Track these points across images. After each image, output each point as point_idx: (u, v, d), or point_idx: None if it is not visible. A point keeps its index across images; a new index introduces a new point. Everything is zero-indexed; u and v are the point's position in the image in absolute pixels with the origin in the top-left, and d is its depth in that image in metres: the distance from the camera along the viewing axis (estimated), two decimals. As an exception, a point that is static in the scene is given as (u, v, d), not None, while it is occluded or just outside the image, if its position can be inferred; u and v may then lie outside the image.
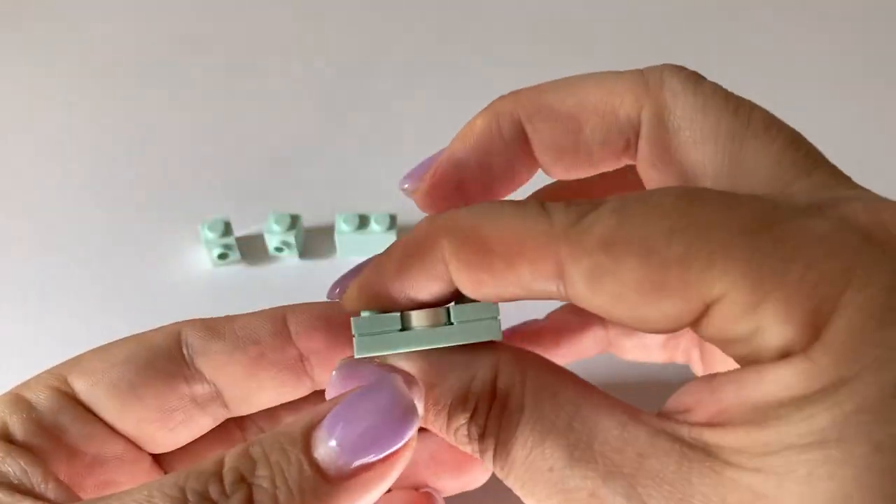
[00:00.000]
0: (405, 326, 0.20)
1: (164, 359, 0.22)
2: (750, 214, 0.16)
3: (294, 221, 0.38)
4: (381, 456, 0.18)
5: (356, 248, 0.38)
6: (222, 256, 0.38)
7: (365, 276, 0.20)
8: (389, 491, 0.20)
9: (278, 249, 0.38)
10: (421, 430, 0.19)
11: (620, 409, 0.18)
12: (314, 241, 0.39)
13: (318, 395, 0.24)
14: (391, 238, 0.38)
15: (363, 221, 0.38)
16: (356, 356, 0.19)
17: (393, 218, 0.38)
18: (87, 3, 0.54)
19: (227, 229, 0.37)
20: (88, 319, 0.36)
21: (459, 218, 0.18)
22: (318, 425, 0.18)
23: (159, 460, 0.24)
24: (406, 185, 0.23)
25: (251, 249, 0.39)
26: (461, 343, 0.19)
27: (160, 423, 0.22)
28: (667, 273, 0.16)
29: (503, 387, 0.19)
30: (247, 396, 0.23)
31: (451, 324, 0.19)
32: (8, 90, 0.49)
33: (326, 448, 0.17)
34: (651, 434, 0.17)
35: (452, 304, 0.20)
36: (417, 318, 0.20)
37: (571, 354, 0.27)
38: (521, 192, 0.24)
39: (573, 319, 0.27)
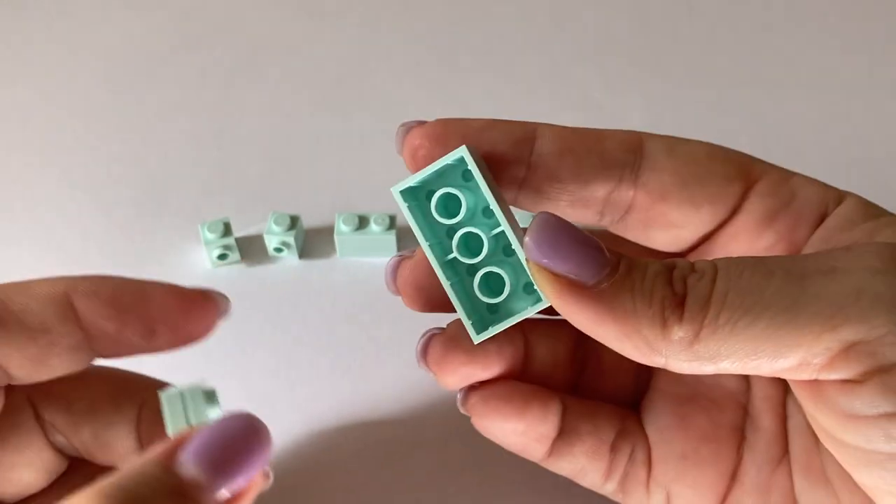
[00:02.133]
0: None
1: None
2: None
3: (294, 222, 0.38)
4: (245, 478, 0.18)
5: (356, 248, 0.38)
6: (222, 257, 0.38)
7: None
8: None
9: (278, 250, 0.38)
10: None
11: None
12: (314, 242, 0.39)
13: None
14: (391, 238, 0.38)
15: (363, 222, 0.38)
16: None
17: (393, 218, 0.38)
18: (88, 4, 0.54)
19: (226, 230, 0.37)
20: (88, 320, 0.36)
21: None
22: (175, 449, 0.18)
23: None
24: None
25: (251, 250, 0.39)
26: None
27: None
28: (722, 155, 0.21)
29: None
30: (31, 376, 0.22)
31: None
32: (8, 90, 0.49)
33: (188, 464, 0.17)
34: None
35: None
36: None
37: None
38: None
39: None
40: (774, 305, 0.17)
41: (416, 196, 0.22)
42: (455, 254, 0.21)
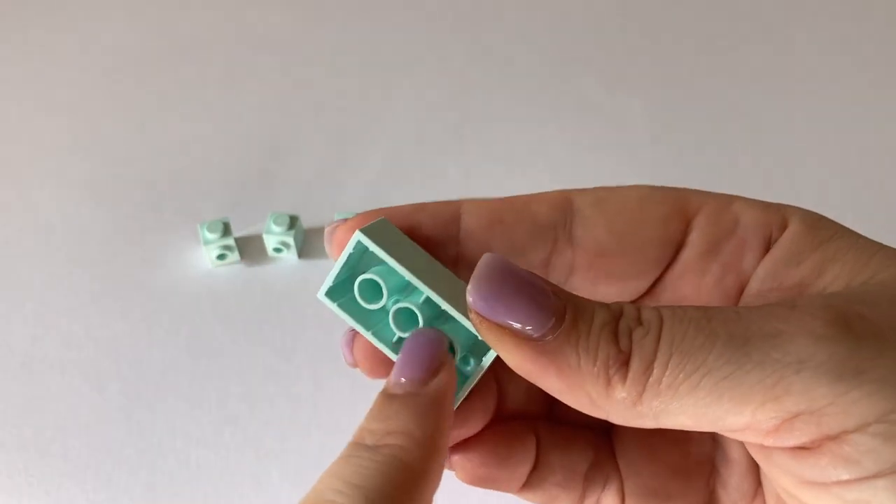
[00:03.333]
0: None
1: None
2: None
3: (293, 222, 0.38)
4: (436, 363, 0.20)
5: (355, 248, 0.38)
6: (221, 257, 0.38)
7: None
8: None
9: (277, 250, 0.38)
10: None
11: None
12: (313, 242, 0.39)
13: None
14: (390, 238, 0.37)
15: (362, 222, 0.38)
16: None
17: (392, 218, 0.38)
18: (88, 5, 0.54)
19: (226, 230, 0.37)
20: (88, 319, 0.36)
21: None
22: (388, 381, 0.20)
23: None
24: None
25: (250, 250, 0.39)
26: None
27: None
28: (657, 198, 0.19)
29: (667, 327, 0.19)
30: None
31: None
32: (8, 90, 0.49)
33: (400, 385, 0.20)
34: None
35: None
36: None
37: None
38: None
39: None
40: (717, 372, 0.16)
41: (347, 290, 0.21)
42: (398, 333, 0.21)
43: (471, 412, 0.23)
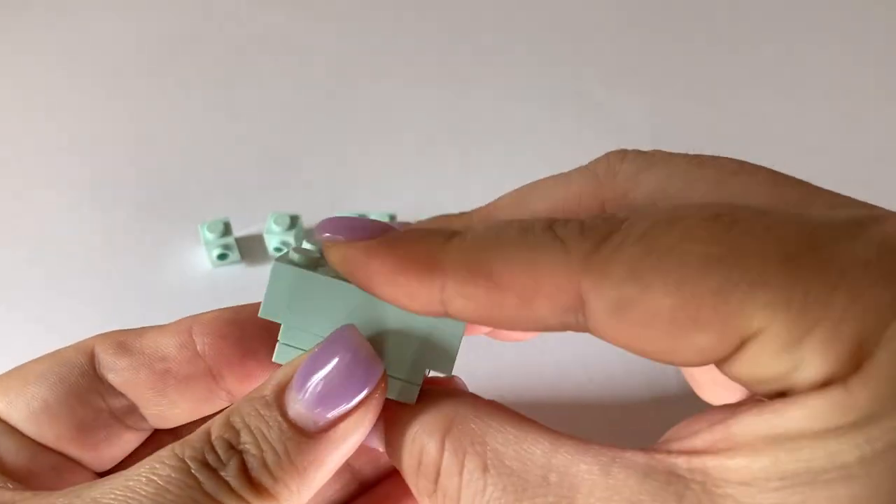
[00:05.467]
0: None
1: (78, 375, 0.22)
2: (791, 237, 0.15)
3: (294, 221, 0.38)
4: (353, 404, 0.18)
5: (356, 248, 0.38)
6: (222, 257, 0.38)
7: (355, 253, 0.18)
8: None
9: (278, 250, 0.38)
10: None
11: (598, 452, 0.16)
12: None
13: None
14: (391, 238, 0.38)
15: (363, 221, 0.38)
16: (274, 360, 0.20)
17: (392, 218, 0.38)
18: (88, 4, 0.54)
19: (226, 230, 0.37)
20: (88, 319, 0.36)
21: (463, 249, 0.17)
22: (288, 386, 0.19)
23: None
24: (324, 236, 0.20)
25: (251, 250, 0.39)
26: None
27: (79, 442, 0.22)
28: (701, 305, 0.14)
29: (458, 445, 0.17)
30: (160, 412, 0.23)
31: None
32: (8, 90, 0.49)
33: (298, 403, 0.18)
34: (640, 477, 0.15)
35: (384, 356, 0.19)
36: None
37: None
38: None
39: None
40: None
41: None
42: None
43: None
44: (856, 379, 0.14)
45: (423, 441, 0.18)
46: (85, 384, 0.22)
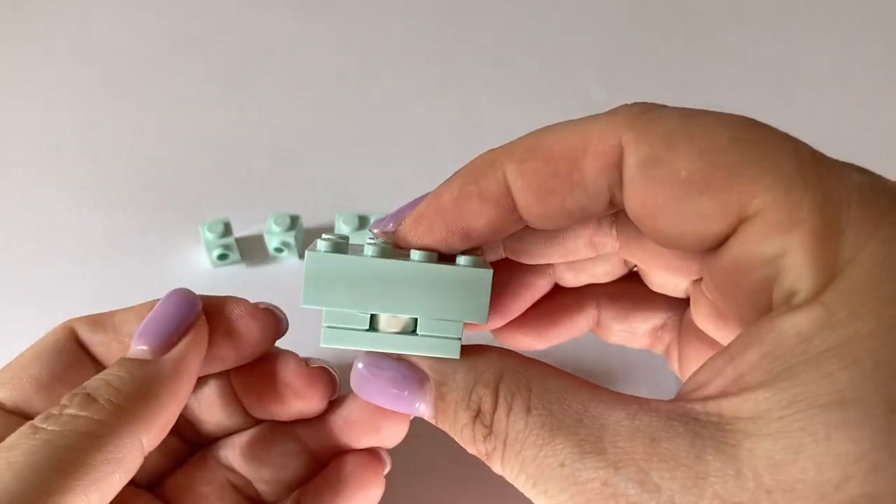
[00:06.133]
0: (372, 327, 0.21)
1: (67, 349, 0.24)
2: (806, 152, 0.17)
3: (294, 222, 0.38)
4: (179, 331, 0.22)
5: (356, 248, 0.38)
6: (222, 257, 0.38)
7: (422, 206, 0.21)
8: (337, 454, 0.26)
9: (278, 250, 0.38)
10: (332, 402, 0.25)
11: (630, 401, 0.18)
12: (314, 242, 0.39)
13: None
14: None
15: (363, 222, 0.38)
16: (322, 344, 0.21)
17: (393, 218, 0.38)
18: (88, 3, 0.54)
19: (226, 230, 0.37)
20: (89, 320, 0.36)
21: (518, 139, 0.20)
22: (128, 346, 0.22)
23: None
24: (389, 227, 0.22)
25: (251, 250, 0.39)
26: (422, 355, 0.21)
27: None
28: (715, 174, 0.16)
29: (508, 391, 0.19)
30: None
31: (416, 334, 0.20)
32: (8, 90, 0.49)
33: (136, 350, 0.21)
34: (662, 418, 0.17)
35: (420, 316, 0.21)
36: (385, 321, 0.21)
37: (564, 334, 0.27)
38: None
39: (569, 299, 0.27)
40: None
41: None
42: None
43: (506, 306, 0.25)
44: (831, 293, 0.15)
45: (480, 392, 0.20)
46: (76, 358, 0.24)
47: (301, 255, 0.39)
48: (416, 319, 0.21)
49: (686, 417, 0.16)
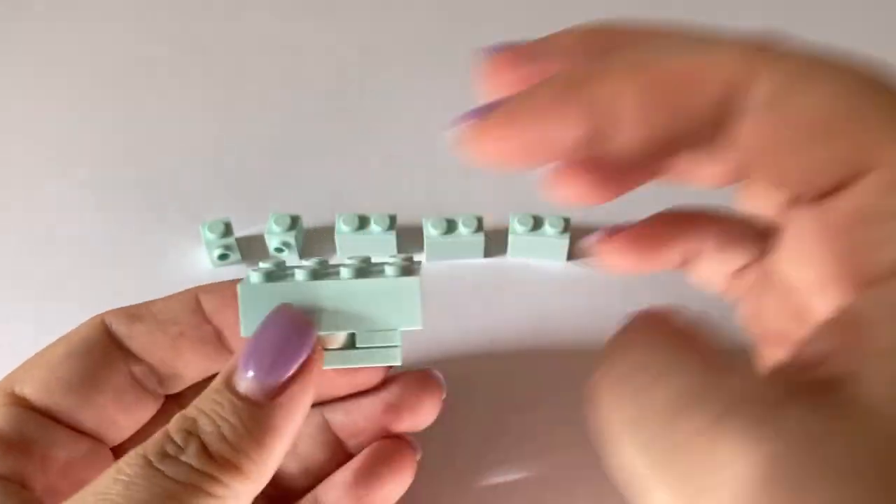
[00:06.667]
0: None
1: (99, 347, 0.24)
2: None
3: (294, 222, 0.38)
4: (294, 368, 0.20)
5: (356, 248, 0.38)
6: (223, 257, 0.38)
7: (506, 110, 0.19)
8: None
9: (278, 250, 0.38)
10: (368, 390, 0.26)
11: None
12: (314, 242, 0.40)
13: None
14: (391, 238, 0.38)
15: (363, 222, 0.38)
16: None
17: (393, 218, 0.38)
18: (88, 3, 0.54)
19: (227, 230, 0.37)
20: (89, 320, 0.36)
21: (619, 55, 0.18)
22: (235, 367, 0.20)
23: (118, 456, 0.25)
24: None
25: (251, 250, 0.39)
26: (362, 366, 0.21)
27: (116, 406, 0.24)
28: (847, 120, 0.15)
29: None
30: (176, 372, 0.25)
31: (356, 348, 0.21)
32: (8, 90, 0.49)
33: (246, 380, 0.20)
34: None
35: (357, 330, 0.21)
36: (325, 339, 0.21)
37: (662, 263, 0.24)
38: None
39: (675, 219, 0.24)
40: None
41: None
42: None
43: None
44: None
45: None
46: (109, 353, 0.24)
47: (302, 255, 0.39)
48: (353, 334, 0.21)
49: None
